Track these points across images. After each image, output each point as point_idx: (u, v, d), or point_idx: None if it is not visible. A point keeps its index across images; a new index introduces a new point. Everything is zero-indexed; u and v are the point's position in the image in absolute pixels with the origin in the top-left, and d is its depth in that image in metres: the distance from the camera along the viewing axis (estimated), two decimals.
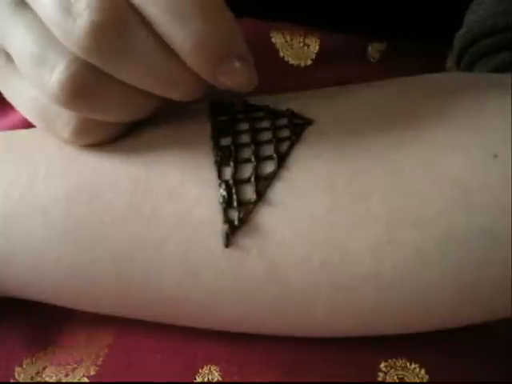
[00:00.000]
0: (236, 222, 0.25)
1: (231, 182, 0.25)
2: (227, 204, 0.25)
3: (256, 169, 0.25)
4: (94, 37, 0.23)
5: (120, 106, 0.25)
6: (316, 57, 0.36)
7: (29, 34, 0.25)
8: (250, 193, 0.25)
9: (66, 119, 0.26)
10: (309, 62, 0.36)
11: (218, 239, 0.25)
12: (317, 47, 0.36)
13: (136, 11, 0.23)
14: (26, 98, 0.27)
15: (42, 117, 0.27)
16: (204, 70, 0.24)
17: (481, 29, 0.30)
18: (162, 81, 0.25)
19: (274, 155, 0.25)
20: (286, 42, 0.36)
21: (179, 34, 0.23)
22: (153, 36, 0.24)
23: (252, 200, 0.25)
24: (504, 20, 0.30)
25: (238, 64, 0.24)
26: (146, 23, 0.23)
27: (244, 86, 0.25)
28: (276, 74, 0.35)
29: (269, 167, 0.25)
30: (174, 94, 0.25)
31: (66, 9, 0.23)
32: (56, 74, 0.24)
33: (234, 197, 0.25)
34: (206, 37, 0.23)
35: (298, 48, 0.36)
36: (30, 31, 0.25)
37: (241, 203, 0.25)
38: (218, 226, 0.25)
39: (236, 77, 0.25)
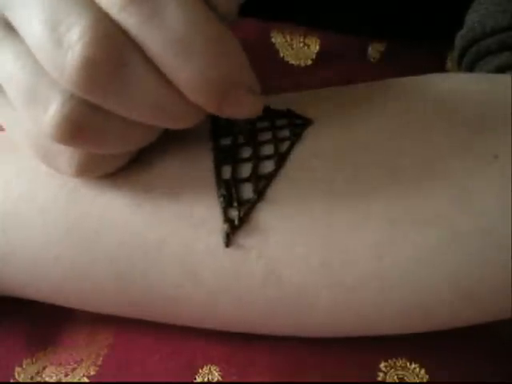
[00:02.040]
0: (236, 222, 0.25)
1: (231, 181, 0.25)
2: (227, 203, 0.25)
3: (256, 168, 0.25)
4: (86, 73, 0.21)
5: (121, 140, 0.24)
6: (316, 57, 0.36)
7: (18, 66, 0.23)
8: (249, 192, 0.25)
9: (68, 156, 0.24)
10: (309, 62, 0.36)
11: (218, 239, 0.25)
12: (317, 47, 0.36)
13: (134, 43, 0.21)
14: (22, 131, 0.25)
15: (41, 153, 0.25)
16: (209, 105, 0.23)
17: (482, 29, 0.30)
18: (163, 115, 0.23)
19: (274, 155, 0.25)
20: (286, 42, 0.36)
21: (183, 71, 0.21)
22: (152, 69, 0.22)
23: (252, 199, 0.25)
24: (505, 20, 0.30)
25: (244, 95, 0.23)
26: (145, 55, 0.22)
27: (250, 115, 0.24)
28: (276, 73, 0.35)
29: (269, 167, 0.25)
30: (177, 125, 0.24)
31: (57, 40, 0.21)
32: (50, 113, 0.22)
33: (234, 196, 0.25)
34: (212, 74, 0.22)
35: (298, 48, 0.36)
36: (19, 62, 0.23)
37: (241, 203, 0.25)
38: (218, 226, 0.25)
39: (243, 108, 0.23)
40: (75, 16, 0.21)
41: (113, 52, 0.21)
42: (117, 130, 0.23)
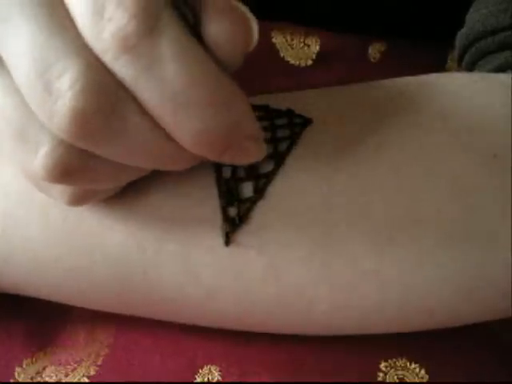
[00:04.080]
0: (236, 220, 0.25)
1: (231, 180, 0.25)
2: (227, 202, 0.25)
3: (256, 167, 0.25)
4: (76, 124, 0.20)
5: (113, 179, 0.23)
6: (316, 57, 0.36)
7: (8, 103, 0.21)
8: (249, 191, 0.25)
9: (60, 189, 0.24)
10: (309, 62, 0.36)
11: (217, 237, 0.25)
12: (317, 47, 0.36)
13: (128, 92, 0.20)
14: (14, 158, 0.23)
15: (34, 183, 0.24)
16: (210, 156, 0.22)
17: (483, 28, 0.30)
18: (158, 161, 0.22)
19: (274, 154, 0.25)
20: (287, 42, 0.36)
21: (181, 127, 0.21)
22: (148, 119, 0.21)
23: (252, 198, 0.25)
24: (506, 19, 0.30)
25: (247, 144, 0.22)
26: (140, 105, 0.20)
27: (252, 161, 0.24)
28: (276, 73, 0.35)
29: (268, 166, 0.25)
30: (172, 169, 0.24)
31: (46, 85, 0.20)
32: (40, 156, 0.21)
33: (234, 195, 0.25)
34: (213, 130, 0.21)
35: (299, 48, 0.36)
36: (8, 99, 0.21)
37: (241, 201, 0.25)
38: (218, 225, 0.25)
39: (245, 156, 0.23)
40: (66, 61, 0.20)
41: (105, 103, 0.20)
42: (109, 171, 0.23)
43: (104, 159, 0.22)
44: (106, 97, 0.20)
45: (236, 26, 0.21)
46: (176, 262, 0.25)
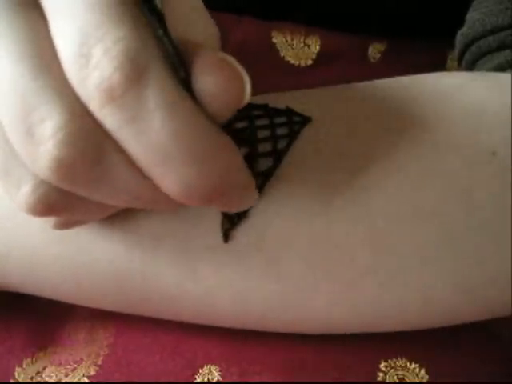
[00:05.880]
0: (235, 217, 0.25)
1: None
2: None
3: (254, 165, 0.25)
4: (58, 172, 0.19)
5: (98, 213, 0.23)
6: (316, 57, 0.36)
7: None
8: None
9: (45, 218, 0.23)
10: (309, 62, 0.36)
11: (217, 235, 0.25)
12: (317, 47, 0.36)
13: (113, 140, 0.20)
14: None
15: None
16: (197, 205, 0.21)
17: (482, 27, 0.30)
18: (143, 204, 0.22)
19: (272, 152, 0.25)
20: (287, 41, 0.36)
21: (166, 179, 0.20)
22: (133, 167, 0.20)
23: None
24: (506, 18, 0.30)
25: (237, 194, 0.21)
26: (125, 153, 0.20)
27: (243, 209, 0.23)
28: (276, 73, 0.35)
29: (267, 164, 0.25)
30: (157, 209, 0.24)
31: (29, 129, 0.19)
32: (22, 193, 0.21)
33: None
34: (199, 184, 0.20)
35: (299, 48, 0.36)
36: None
37: None
38: (217, 221, 0.25)
39: (236, 205, 0.22)
40: (50, 106, 0.19)
41: (88, 152, 0.19)
42: (92, 208, 0.22)
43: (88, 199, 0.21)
44: (89, 146, 0.19)
45: (228, 82, 0.20)
46: (175, 259, 0.25)
